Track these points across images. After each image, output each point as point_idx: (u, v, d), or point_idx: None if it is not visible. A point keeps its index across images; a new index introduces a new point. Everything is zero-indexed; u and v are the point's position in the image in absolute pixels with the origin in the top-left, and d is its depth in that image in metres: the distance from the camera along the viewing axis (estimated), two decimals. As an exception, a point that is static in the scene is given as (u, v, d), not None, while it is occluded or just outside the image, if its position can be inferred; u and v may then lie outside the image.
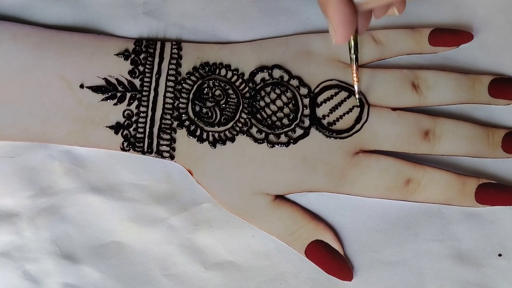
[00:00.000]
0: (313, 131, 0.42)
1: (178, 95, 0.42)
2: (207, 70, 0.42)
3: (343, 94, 0.42)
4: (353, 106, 0.42)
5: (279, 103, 0.42)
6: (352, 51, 0.38)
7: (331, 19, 0.33)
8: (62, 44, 0.42)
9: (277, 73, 0.42)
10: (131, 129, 0.41)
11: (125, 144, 0.41)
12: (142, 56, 0.42)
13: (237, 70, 0.43)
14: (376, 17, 0.37)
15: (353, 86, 0.42)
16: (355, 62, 0.39)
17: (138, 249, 0.41)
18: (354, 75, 0.40)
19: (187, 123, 0.42)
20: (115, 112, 0.41)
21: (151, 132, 0.41)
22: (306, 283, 0.41)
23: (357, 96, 0.41)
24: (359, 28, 0.36)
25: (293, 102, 0.42)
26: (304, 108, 0.42)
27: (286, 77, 0.42)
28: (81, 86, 0.41)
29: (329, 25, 0.34)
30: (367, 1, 0.33)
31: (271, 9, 0.44)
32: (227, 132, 0.42)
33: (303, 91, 0.42)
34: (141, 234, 0.41)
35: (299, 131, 0.42)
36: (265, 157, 0.41)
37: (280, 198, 0.41)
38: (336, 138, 0.42)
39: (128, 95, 0.42)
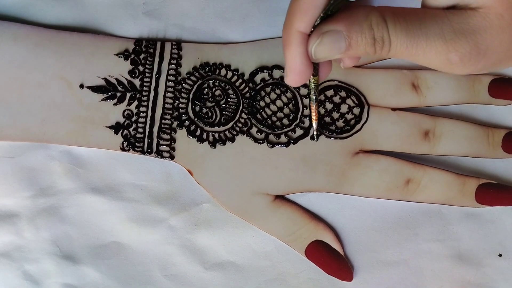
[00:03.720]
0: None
1: (178, 95, 0.42)
2: (207, 70, 0.42)
3: (343, 94, 0.42)
4: (353, 106, 0.42)
5: (279, 103, 0.42)
6: (312, 92, 0.36)
7: (286, 62, 0.33)
8: (62, 44, 0.42)
9: (277, 73, 0.42)
10: (131, 129, 0.41)
11: (125, 144, 0.41)
12: (142, 56, 0.42)
13: (237, 70, 0.43)
14: (344, 67, 0.36)
15: (353, 87, 0.42)
16: (314, 103, 0.37)
17: (138, 250, 0.41)
18: (313, 114, 0.38)
19: (187, 123, 0.42)
20: (115, 112, 0.41)
21: (151, 132, 0.41)
22: (306, 283, 0.41)
23: (315, 132, 0.39)
24: (320, 75, 0.35)
25: (293, 102, 0.42)
26: (304, 108, 0.42)
27: (286, 77, 0.42)
28: (81, 86, 0.41)
29: (285, 70, 0.33)
30: (320, 58, 0.32)
31: (271, 9, 0.44)
32: (227, 132, 0.42)
33: (303, 91, 0.42)
34: (141, 235, 0.41)
35: (299, 131, 0.42)
36: (265, 157, 0.41)
37: (280, 198, 0.41)
38: (336, 138, 0.42)
39: (128, 95, 0.42)
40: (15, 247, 0.41)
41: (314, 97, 0.37)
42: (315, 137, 0.40)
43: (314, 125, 0.39)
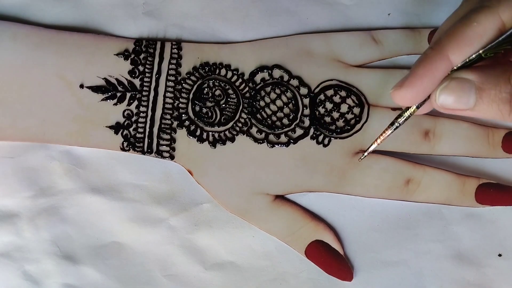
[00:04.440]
0: (313, 131, 0.42)
1: (178, 95, 0.42)
2: (207, 70, 0.42)
3: (343, 94, 0.42)
4: (353, 106, 0.42)
5: (279, 103, 0.42)
6: (402, 120, 0.35)
7: (411, 77, 0.31)
8: (62, 44, 0.42)
9: (277, 73, 0.42)
10: (131, 129, 0.41)
11: (125, 144, 0.41)
12: (142, 56, 0.42)
13: (237, 70, 0.43)
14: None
15: (353, 86, 0.42)
16: (392, 130, 0.36)
17: (138, 250, 0.41)
18: (381, 138, 0.36)
19: (187, 123, 0.42)
20: (115, 112, 0.41)
21: (151, 132, 0.41)
22: (306, 283, 0.41)
23: (366, 154, 0.38)
24: (421, 109, 0.34)
25: (293, 102, 0.42)
26: (304, 108, 0.42)
27: (286, 77, 0.42)
28: (81, 86, 0.41)
29: (403, 81, 0.32)
30: (444, 104, 0.31)
31: (271, 9, 0.44)
32: (227, 132, 0.42)
33: (303, 91, 0.42)
34: (141, 235, 0.41)
35: (299, 131, 0.42)
36: (265, 157, 0.41)
37: (280, 198, 0.41)
38: (336, 138, 0.42)
39: (128, 95, 0.42)
40: (15, 247, 0.41)
41: (397, 125, 0.35)
42: (362, 157, 0.39)
43: (372, 148, 0.37)
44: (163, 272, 0.41)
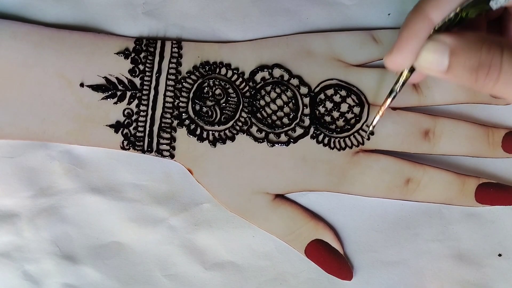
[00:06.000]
0: (313, 130, 0.42)
1: (178, 94, 0.42)
2: (207, 69, 0.42)
3: (343, 93, 0.42)
4: (353, 105, 0.42)
5: (279, 102, 0.42)
6: (398, 87, 0.37)
7: (399, 42, 0.33)
8: (62, 42, 0.42)
9: (277, 72, 0.42)
10: (131, 128, 0.41)
11: (125, 143, 0.41)
12: (142, 55, 0.42)
13: (237, 69, 0.43)
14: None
15: (353, 86, 0.42)
16: (391, 99, 0.38)
17: (138, 250, 0.41)
18: (383, 109, 0.39)
19: (187, 122, 0.42)
20: (115, 111, 0.41)
21: (151, 131, 0.41)
22: (306, 283, 0.41)
23: (371, 129, 0.41)
24: (414, 76, 0.35)
25: (293, 101, 0.42)
26: (304, 107, 0.42)
27: (286, 76, 0.42)
28: (81, 85, 0.41)
29: (392, 47, 0.33)
30: (421, 65, 0.32)
31: (271, 9, 0.44)
32: (227, 131, 0.42)
33: (303, 90, 0.42)
34: (141, 234, 0.41)
35: (299, 130, 0.42)
36: (265, 156, 0.41)
37: (280, 197, 0.41)
38: (336, 137, 0.42)
39: (128, 94, 0.42)
40: (15, 247, 0.41)
41: (395, 93, 0.37)
42: (370, 133, 0.41)
43: (376, 119, 0.40)
44: (163, 272, 0.41)
